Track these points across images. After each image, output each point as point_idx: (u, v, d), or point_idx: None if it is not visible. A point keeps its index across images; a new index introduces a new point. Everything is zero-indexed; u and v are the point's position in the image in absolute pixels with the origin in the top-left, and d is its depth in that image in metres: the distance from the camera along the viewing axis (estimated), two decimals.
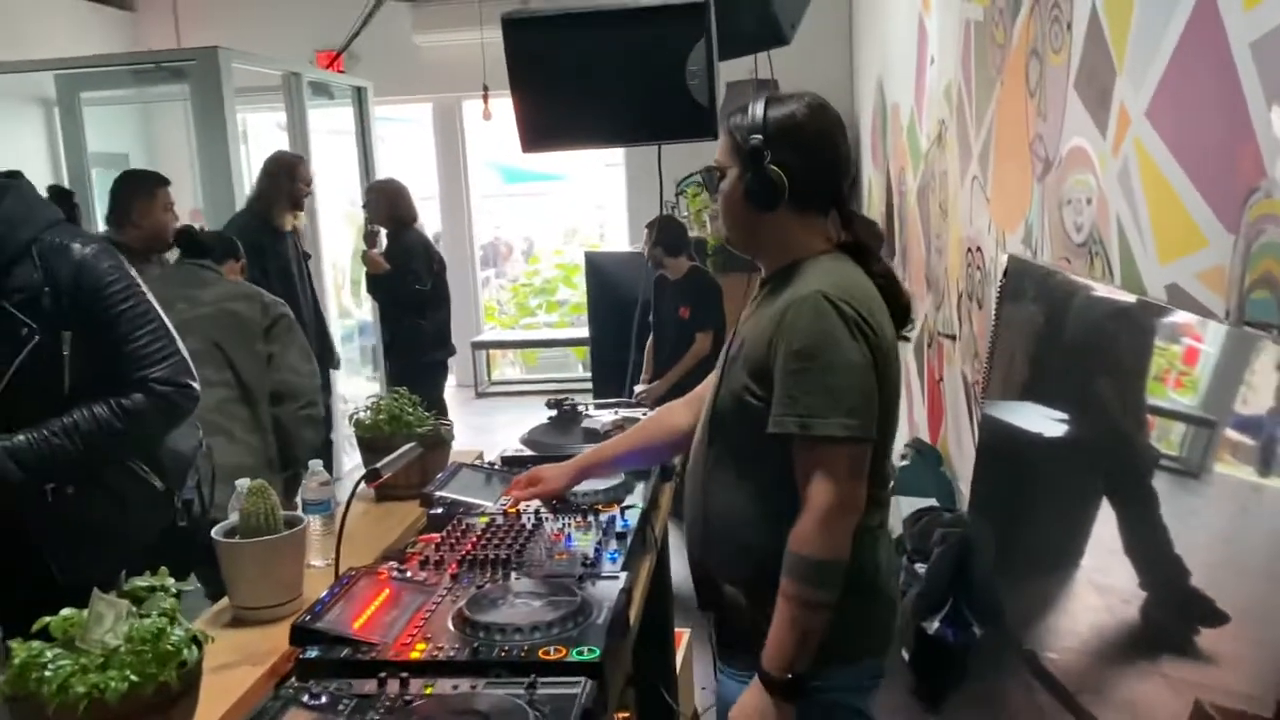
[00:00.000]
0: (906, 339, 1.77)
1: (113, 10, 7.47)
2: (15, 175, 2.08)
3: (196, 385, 2.08)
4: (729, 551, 1.75)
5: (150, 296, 2.08)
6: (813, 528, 1.58)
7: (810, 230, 1.73)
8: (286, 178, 4.33)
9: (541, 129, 2.90)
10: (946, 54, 3.71)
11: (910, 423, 4.82)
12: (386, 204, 5.16)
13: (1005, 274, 2.71)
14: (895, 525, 3.60)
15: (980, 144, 3.23)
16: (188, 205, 5.25)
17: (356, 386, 6.23)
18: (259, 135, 8.00)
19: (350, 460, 5.35)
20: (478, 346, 8.30)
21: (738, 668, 1.76)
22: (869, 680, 1.78)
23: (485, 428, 7.25)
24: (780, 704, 1.62)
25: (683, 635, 3.01)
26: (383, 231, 5.19)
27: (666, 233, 4.90)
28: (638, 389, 4.81)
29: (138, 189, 3.65)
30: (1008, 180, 2.92)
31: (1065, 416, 2.25)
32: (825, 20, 5.81)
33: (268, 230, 4.27)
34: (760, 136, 1.66)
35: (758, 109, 1.69)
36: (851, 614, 1.67)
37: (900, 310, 1.75)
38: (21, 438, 1.92)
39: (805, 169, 1.68)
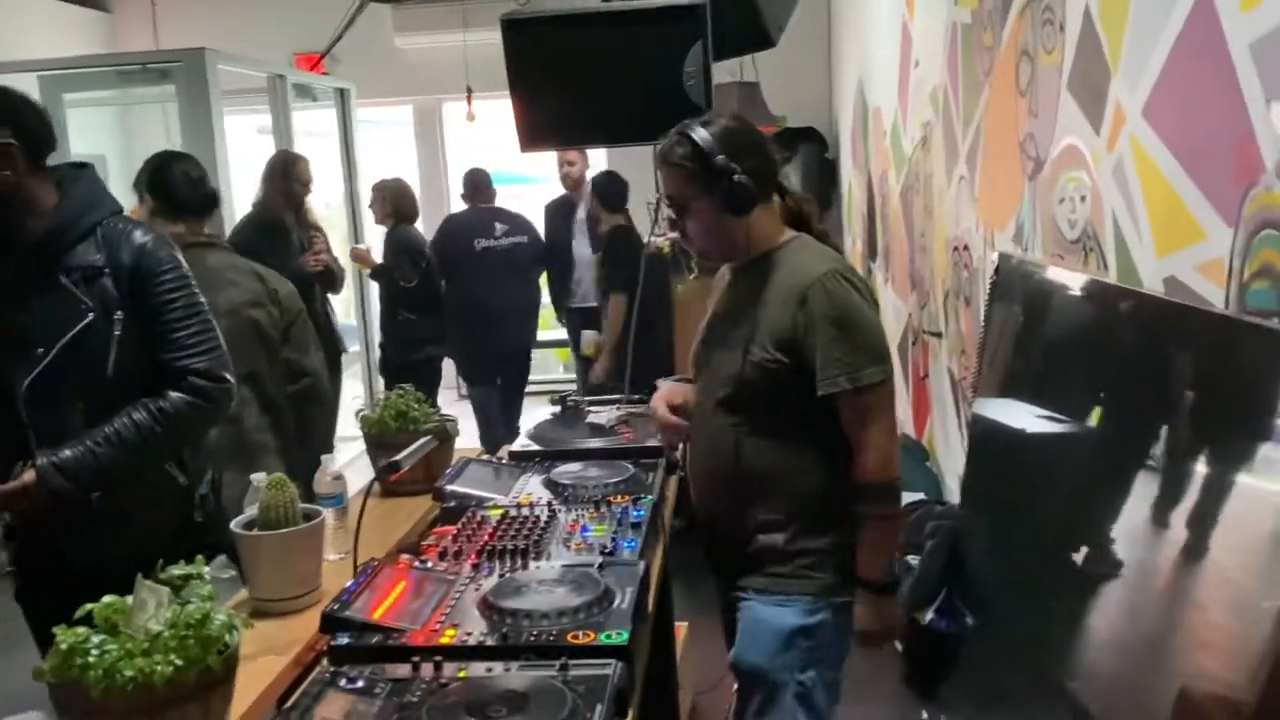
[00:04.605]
0: None
1: (88, 11, 7.41)
2: (86, 166, 2.17)
3: (233, 380, 2.12)
4: (768, 503, 1.98)
5: (199, 292, 2.13)
6: (880, 458, 1.90)
7: (773, 216, 2.02)
8: (281, 178, 4.38)
9: (539, 128, 2.95)
10: (932, 57, 3.78)
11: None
12: (390, 202, 5.27)
13: (996, 271, 2.77)
14: None
15: (968, 145, 3.29)
16: None
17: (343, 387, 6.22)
18: (236, 139, 7.96)
19: (343, 456, 5.34)
20: None
21: (773, 593, 1.99)
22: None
23: (470, 429, 7.25)
24: (887, 600, 1.97)
25: (681, 628, 3.04)
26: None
27: (605, 189, 5.12)
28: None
29: None
30: (997, 179, 2.98)
31: (1058, 410, 2.31)
32: (804, 22, 5.85)
33: (265, 232, 4.29)
34: (723, 155, 1.90)
35: (703, 133, 1.92)
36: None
37: None
38: (68, 452, 1.95)
39: (759, 167, 1.95)
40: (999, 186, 2.95)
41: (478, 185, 5.63)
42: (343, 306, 6.35)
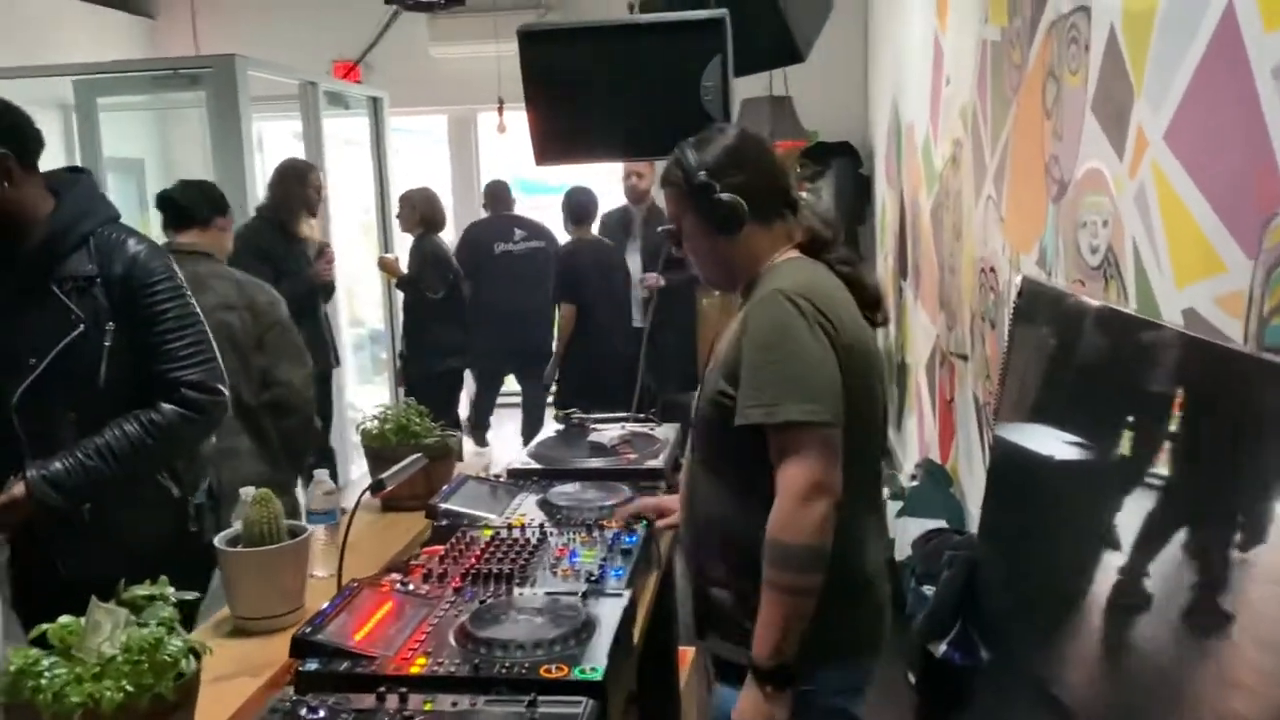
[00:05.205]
0: (878, 324, 1.88)
1: (133, 17, 7.52)
2: (81, 170, 2.16)
3: (227, 393, 2.09)
4: (715, 552, 1.81)
5: (194, 302, 2.11)
6: (787, 511, 1.62)
7: (776, 237, 1.85)
8: (297, 183, 4.39)
9: (555, 141, 2.90)
10: (962, 74, 3.70)
11: (921, 443, 4.79)
12: (419, 210, 5.32)
13: (1019, 295, 2.69)
14: (905, 547, 3.57)
15: (995, 164, 3.21)
16: None
17: (368, 394, 6.26)
18: (274, 145, 8.05)
19: (356, 469, 5.35)
20: None
21: (729, 665, 1.79)
22: (860, 681, 1.82)
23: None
24: (774, 694, 1.64)
25: (686, 654, 2.98)
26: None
27: (570, 202, 5.21)
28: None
29: None
30: (1022, 201, 2.91)
31: (1078, 440, 2.23)
32: (839, 38, 5.81)
33: (280, 236, 4.32)
34: (704, 172, 1.78)
35: (691, 154, 1.82)
36: (844, 614, 1.71)
37: (868, 296, 1.86)
38: (58, 465, 1.94)
39: (753, 183, 1.81)
40: (1024, 208, 2.87)
41: (497, 196, 6.23)
42: (379, 313, 6.40)
